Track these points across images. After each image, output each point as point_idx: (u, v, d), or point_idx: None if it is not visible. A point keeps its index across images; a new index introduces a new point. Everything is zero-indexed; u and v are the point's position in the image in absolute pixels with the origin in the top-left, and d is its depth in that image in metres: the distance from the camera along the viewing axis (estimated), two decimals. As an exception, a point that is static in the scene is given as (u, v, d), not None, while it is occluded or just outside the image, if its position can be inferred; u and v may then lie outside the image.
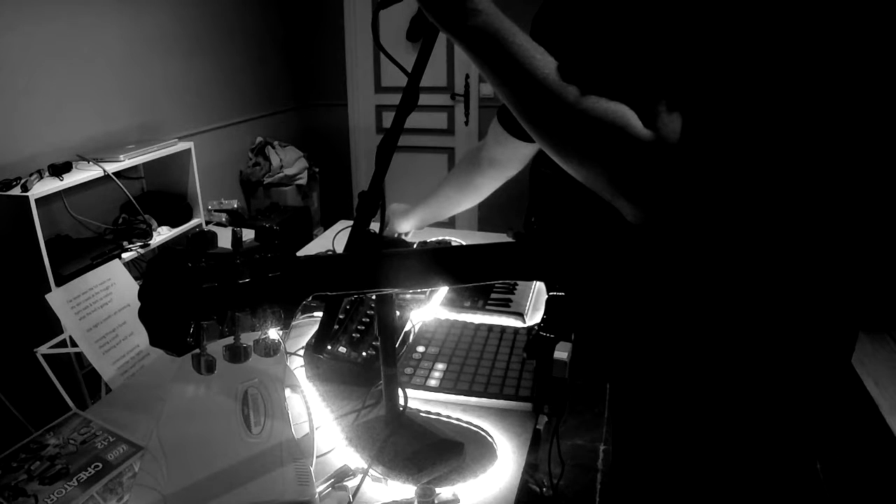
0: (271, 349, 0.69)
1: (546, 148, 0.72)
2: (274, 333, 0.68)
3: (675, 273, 0.73)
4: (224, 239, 0.64)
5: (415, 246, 1.59)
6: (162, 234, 2.74)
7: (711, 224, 0.68)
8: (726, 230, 0.69)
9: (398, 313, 1.22)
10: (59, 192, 2.30)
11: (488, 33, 0.68)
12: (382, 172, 0.82)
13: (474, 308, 1.43)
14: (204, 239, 0.63)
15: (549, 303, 1.00)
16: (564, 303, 0.97)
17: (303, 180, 3.89)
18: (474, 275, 0.75)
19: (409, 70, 0.84)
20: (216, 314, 0.62)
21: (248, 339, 0.67)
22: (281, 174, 3.78)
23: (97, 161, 2.45)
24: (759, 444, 0.78)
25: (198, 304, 0.61)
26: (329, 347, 1.17)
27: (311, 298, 0.67)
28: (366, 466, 0.93)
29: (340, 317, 1.25)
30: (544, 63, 0.67)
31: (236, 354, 0.66)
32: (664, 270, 0.74)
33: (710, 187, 0.66)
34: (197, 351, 0.64)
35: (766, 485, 0.79)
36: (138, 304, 0.60)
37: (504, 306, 1.44)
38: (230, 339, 0.65)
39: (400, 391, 0.99)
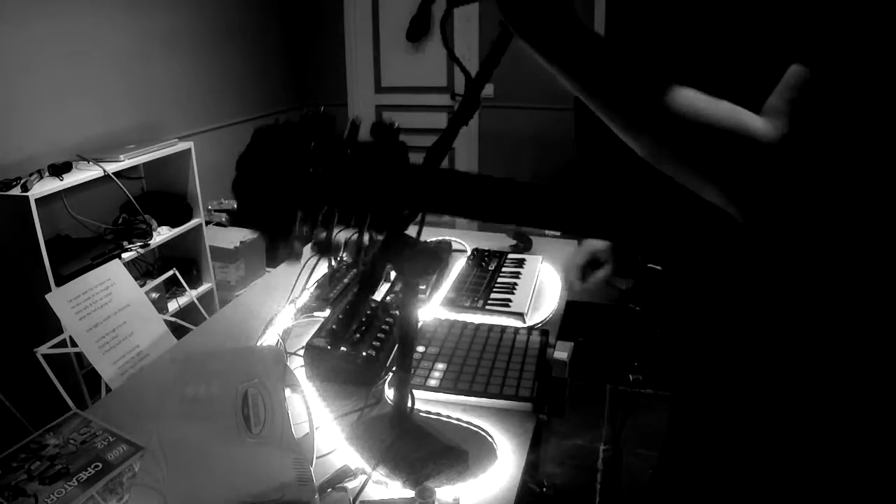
0: (364, 250, 0.65)
1: (653, 160, 0.66)
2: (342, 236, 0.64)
3: (775, 272, 0.69)
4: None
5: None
6: (162, 234, 2.74)
7: (819, 226, 0.64)
8: (833, 233, 0.64)
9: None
10: (59, 192, 2.30)
11: (585, 53, 0.64)
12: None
13: (474, 308, 1.43)
14: (319, 121, 0.58)
15: (643, 274, 0.97)
16: (659, 277, 0.92)
17: (303, 180, 3.89)
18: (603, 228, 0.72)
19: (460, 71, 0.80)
20: (316, 203, 0.57)
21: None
22: (281, 174, 3.78)
23: (97, 161, 2.45)
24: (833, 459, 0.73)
25: (299, 189, 0.56)
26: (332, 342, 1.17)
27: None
28: (367, 467, 0.93)
29: (339, 316, 1.25)
30: (647, 74, 0.63)
31: (326, 249, 0.62)
32: (764, 268, 0.70)
33: (824, 190, 0.61)
34: (287, 235, 0.59)
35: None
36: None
37: (504, 306, 1.44)
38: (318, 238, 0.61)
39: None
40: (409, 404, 0.98)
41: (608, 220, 0.71)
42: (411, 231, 0.78)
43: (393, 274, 0.84)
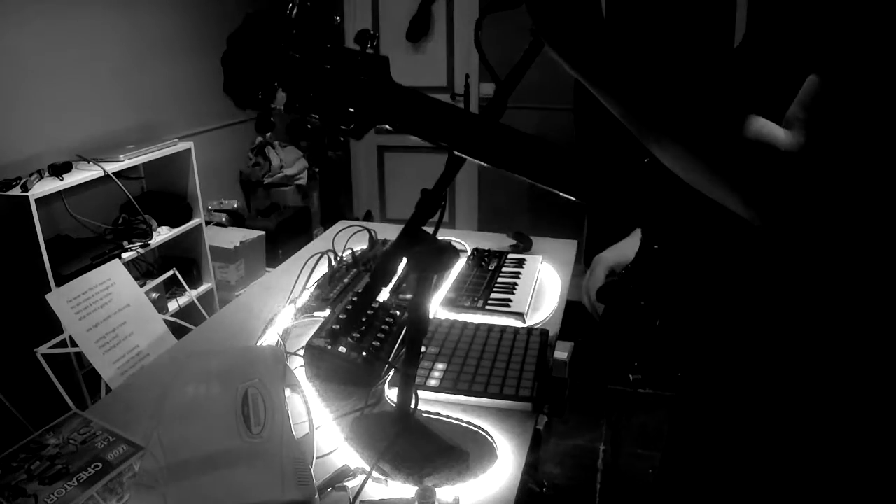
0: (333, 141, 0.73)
1: (681, 172, 0.66)
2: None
3: (785, 268, 0.69)
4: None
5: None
6: (162, 234, 2.74)
7: (837, 233, 0.63)
8: (850, 238, 0.64)
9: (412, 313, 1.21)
10: (59, 192, 2.30)
11: (614, 63, 0.63)
12: (452, 175, 0.80)
13: (474, 308, 1.43)
14: (311, 13, 0.68)
15: (642, 254, 0.94)
16: (657, 259, 0.91)
17: (303, 180, 3.89)
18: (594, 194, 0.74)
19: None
20: (292, 86, 0.66)
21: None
22: (281, 174, 3.78)
23: (97, 161, 2.45)
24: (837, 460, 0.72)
25: (278, 68, 0.65)
26: (332, 340, 1.17)
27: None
28: (367, 466, 0.93)
29: (347, 307, 1.25)
30: (678, 85, 0.63)
31: (299, 132, 0.70)
32: (773, 262, 0.69)
33: (845, 199, 0.61)
34: (262, 106, 0.68)
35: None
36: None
37: (504, 306, 1.44)
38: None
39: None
40: (413, 404, 0.98)
41: (615, 185, 0.72)
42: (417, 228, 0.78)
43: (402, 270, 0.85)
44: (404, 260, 0.83)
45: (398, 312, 1.31)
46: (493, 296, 1.48)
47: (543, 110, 3.75)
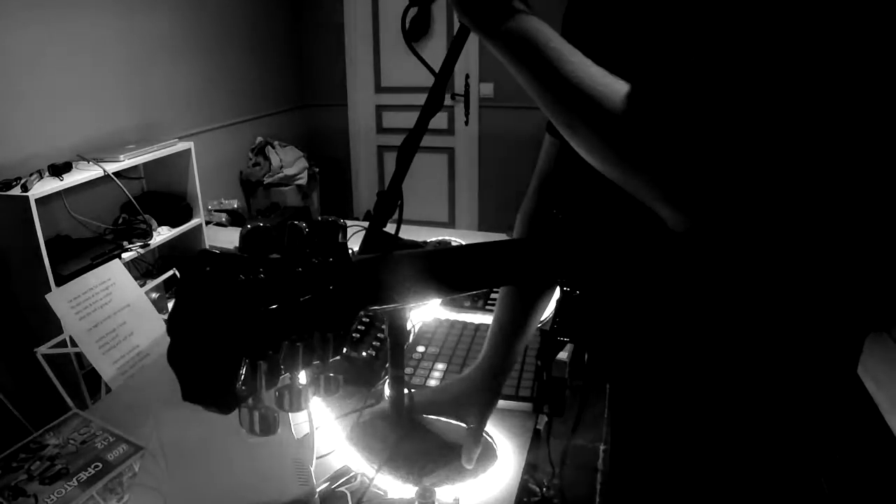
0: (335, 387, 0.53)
1: (586, 155, 0.67)
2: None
3: (703, 280, 0.69)
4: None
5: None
6: (162, 234, 2.74)
7: (753, 230, 0.63)
8: (761, 235, 0.64)
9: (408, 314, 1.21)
10: (59, 192, 2.30)
11: (526, 36, 0.65)
12: (403, 172, 0.81)
13: (474, 308, 1.43)
14: (263, 237, 0.47)
15: (562, 302, 0.96)
16: (580, 302, 0.92)
17: (303, 180, 3.89)
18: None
19: (433, 67, 0.82)
20: (277, 347, 0.46)
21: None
22: (281, 174, 3.78)
23: (97, 161, 2.45)
24: (765, 456, 0.76)
25: (259, 335, 0.44)
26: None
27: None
28: (367, 467, 0.93)
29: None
30: (582, 66, 0.64)
31: (296, 401, 0.50)
32: (692, 276, 0.70)
33: (758, 189, 0.60)
34: (250, 403, 0.48)
35: (770, 494, 0.77)
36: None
37: (504, 306, 1.43)
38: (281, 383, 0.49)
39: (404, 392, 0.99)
40: (406, 403, 0.98)
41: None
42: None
43: None
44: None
45: (408, 313, 1.31)
46: (493, 296, 1.48)
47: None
